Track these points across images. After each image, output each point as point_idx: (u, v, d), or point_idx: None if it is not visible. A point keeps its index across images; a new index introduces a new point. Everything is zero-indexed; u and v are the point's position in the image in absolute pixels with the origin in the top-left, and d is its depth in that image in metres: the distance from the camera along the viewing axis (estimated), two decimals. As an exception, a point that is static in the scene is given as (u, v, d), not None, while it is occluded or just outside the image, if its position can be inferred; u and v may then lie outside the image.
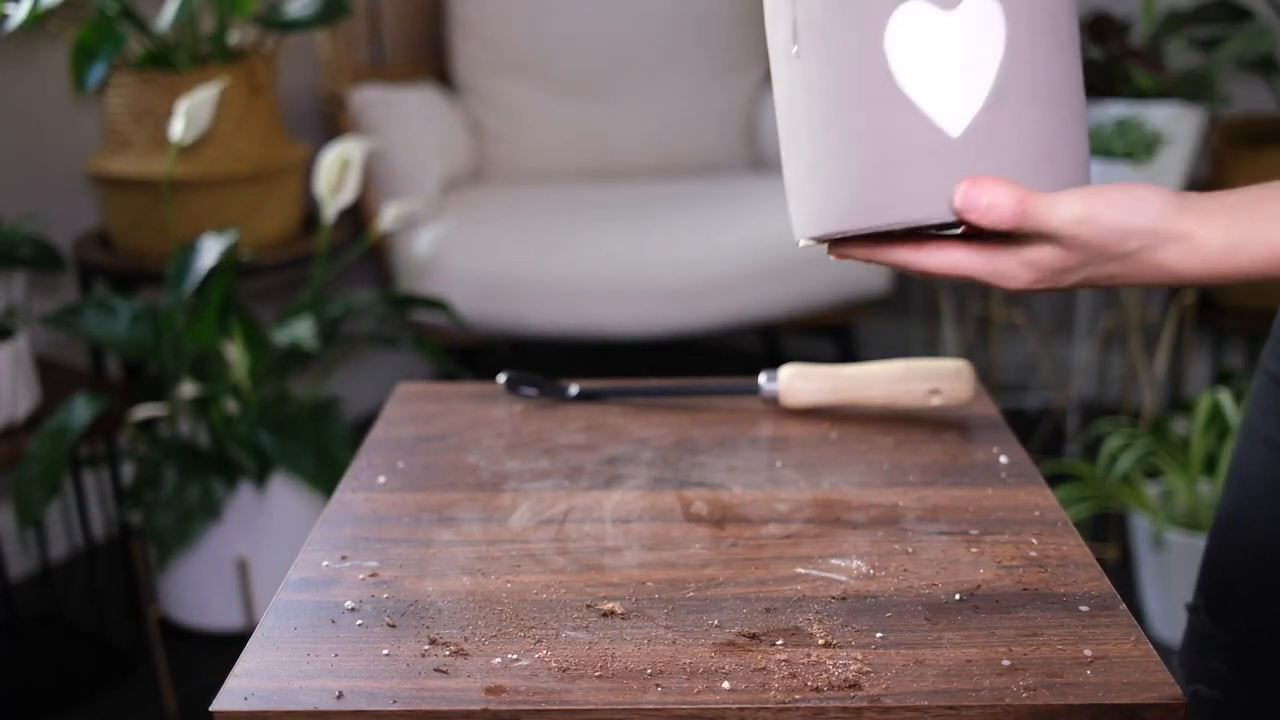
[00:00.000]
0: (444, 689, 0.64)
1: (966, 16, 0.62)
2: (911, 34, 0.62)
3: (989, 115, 0.62)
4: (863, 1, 0.62)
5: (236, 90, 2.02)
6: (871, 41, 0.62)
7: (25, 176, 2.21)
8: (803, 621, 0.70)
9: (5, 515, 2.22)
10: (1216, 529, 0.87)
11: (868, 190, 0.64)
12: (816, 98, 0.65)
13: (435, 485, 0.89)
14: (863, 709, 0.62)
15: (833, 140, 0.65)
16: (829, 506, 0.84)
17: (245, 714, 0.63)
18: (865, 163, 0.64)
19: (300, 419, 1.92)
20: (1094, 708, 0.62)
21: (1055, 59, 0.64)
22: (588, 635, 0.69)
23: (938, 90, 0.62)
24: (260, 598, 1.99)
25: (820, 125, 0.65)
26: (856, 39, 0.63)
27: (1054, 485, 0.96)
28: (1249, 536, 0.84)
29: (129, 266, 2.06)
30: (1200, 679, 0.87)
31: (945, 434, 0.95)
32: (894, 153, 0.63)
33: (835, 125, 0.64)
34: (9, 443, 1.76)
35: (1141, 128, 2.15)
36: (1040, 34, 0.63)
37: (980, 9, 0.62)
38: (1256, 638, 0.84)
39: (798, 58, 0.65)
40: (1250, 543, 0.83)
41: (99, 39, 1.88)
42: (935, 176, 0.63)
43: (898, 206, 0.64)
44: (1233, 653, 0.84)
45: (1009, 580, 0.74)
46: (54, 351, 2.24)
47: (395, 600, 0.73)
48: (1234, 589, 0.85)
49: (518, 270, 2.31)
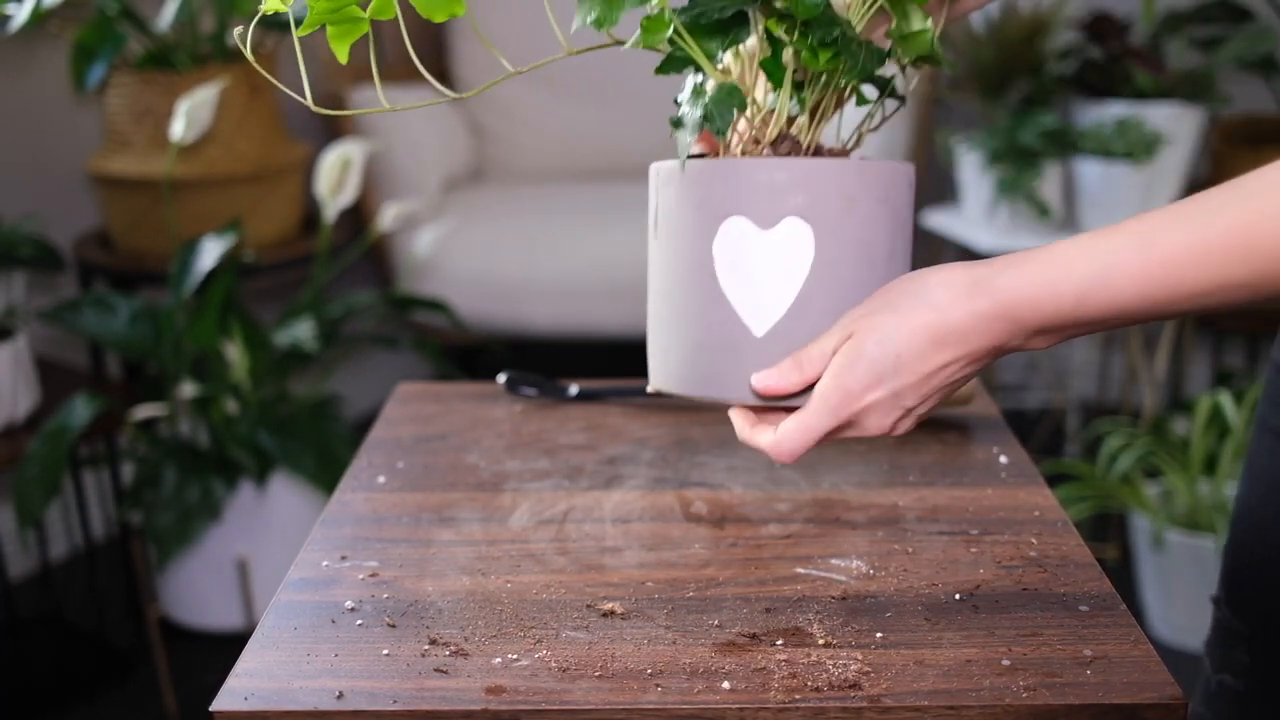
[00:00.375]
0: (444, 689, 0.64)
1: (781, 236, 0.71)
2: (733, 244, 0.72)
3: (789, 322, 0.71)
4: (699, 210, 0.72)
5: (236, 90, 2.02)
6: (702, 244, 0.72)
7: (25, 176, 2.21)
8: (803, 621, 0.70)
9: (5, 515, 2.22)
10: (1235, 522, 0.88)
11: (688, 366, 0.74)
12: (663, 276, 0.75)
13: (435, 485, 0.89)
14: (862, 709, 0.62)
15: (671, 314, 0.75)
16: (829, 506, 0.84)
17: (245, 714, 0.63)
18: (689, 342, 0.74)
19: (301, 418, 1.92)
20: (1094, 707, 0.62)
21: (862, 279, 0.72)
22: (588, 635, 0.69)
23: (749, 294, 0.72)
24: (260, 598, 1.99)
25: (664, 299, 0.76)
26: (693, 238, 0.72)
27: (1054, 485, 0.96)
28: (1264, 530, 0.84)
29: (129, 266, 2.06)
30: (1226, 669, 0.87)
31: (945, 434, 0.95)
32: (710, 340, 0.73)
33: (673, 303, 0.75)
34: (9, 443, 1.76)
35: (1141, 128, 2.15)
36: (849, 256, 0.72)
37: (794, 231, 0.71)
38: (1276, 629, 0.84)
39: (656, 238, 0.75)
40: (1265, 536, 0.84)
41: (99, 39, 1.88)
42: (739, 366, 0.72)
43: (711, 385, 0.74)
44: (1253, 644, 0.85)
45: (1009, 580, 0.74)
46: (54, 351, 2.24)
47: (395, 600, 0.73)
48: (1252, 581, 0.85)
49: (518, 270, 2.31)
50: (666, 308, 0.75)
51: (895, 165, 0.74)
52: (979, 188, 2.32)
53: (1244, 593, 0.86)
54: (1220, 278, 0.60)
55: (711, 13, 0.71)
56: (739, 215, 0.71)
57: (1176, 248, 0.61)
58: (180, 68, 1.99)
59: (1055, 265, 0.64)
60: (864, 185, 0.71)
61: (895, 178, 0.73)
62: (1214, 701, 0.86)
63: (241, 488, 1.95)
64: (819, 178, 0.71)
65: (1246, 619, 0.85)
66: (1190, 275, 0.61)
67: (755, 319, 0.72)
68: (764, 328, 0.72)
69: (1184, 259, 0.61)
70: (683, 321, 0.74)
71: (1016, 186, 2.20)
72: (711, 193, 0.71)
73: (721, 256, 0.72)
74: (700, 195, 0.72)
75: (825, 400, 0.69)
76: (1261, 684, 0.85)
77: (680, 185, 0.73)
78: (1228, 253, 0.60)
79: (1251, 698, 0.85)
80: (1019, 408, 2.79)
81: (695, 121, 0.70)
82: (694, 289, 0.73)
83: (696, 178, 0.72)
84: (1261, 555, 0.84)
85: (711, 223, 0.72)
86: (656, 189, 0.76)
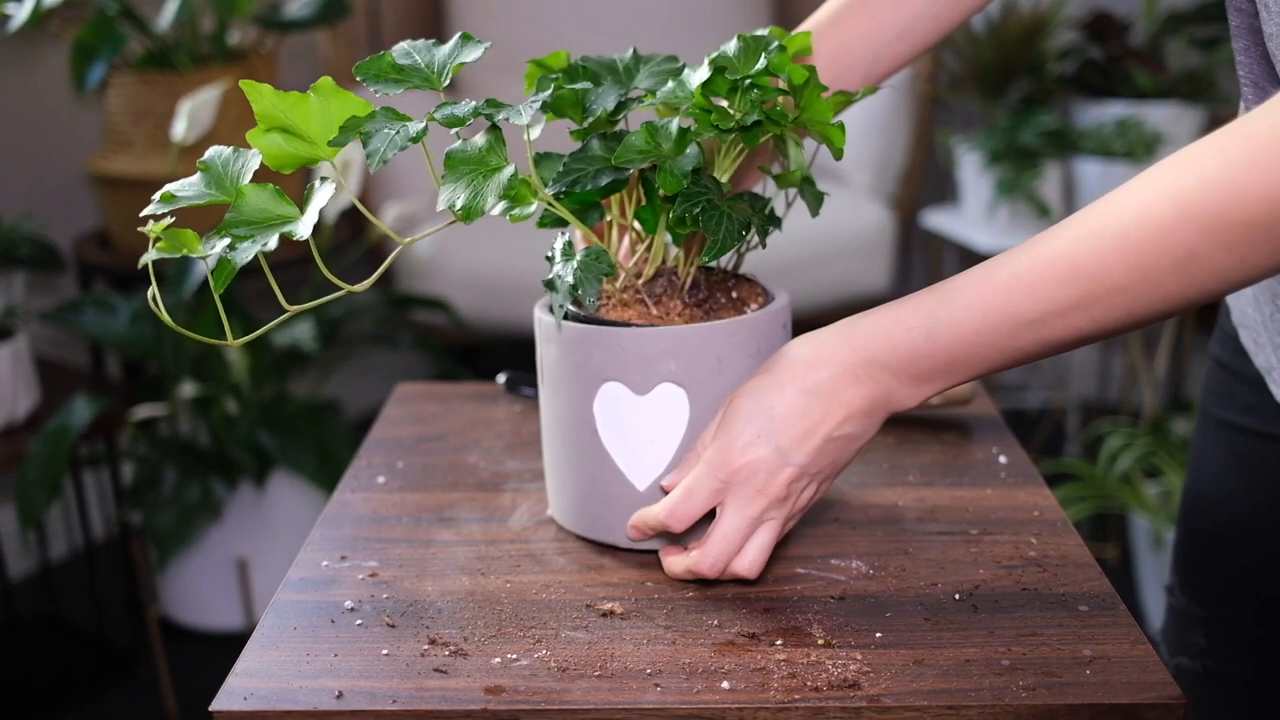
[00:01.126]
0: (443, 689, 0.64)
1: (657, 399, 0.74)
2: (611, 407, 0.75)
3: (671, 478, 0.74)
4: (579, 371, 0.75)
5: (237, 90, 2.02)
6: (584, 403, 0.75)
7: (25, 176, 2.21)
8: (802, 621, 0.70)
9: (6, 515, 2.22)
10: (1183, 510, 0.91)
11: (578, 511, 0.79)
12: (551, 424, 0.79)
13: (435, 485, 0.89)
14: (862, 709, 0.62)
15: (561, 461, 0.79)
16: (828, 507, 0.84)
17: (245, 714, 0.63)
18: (577, 489, 0.78)
19: (301, 417, 1.92)
20: (1093, 707, 0.62)
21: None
22: (587, 635, 0.69)
23: (630, 453, 0.75)
24: (260, 598, 1.99)
25: (553, 444, 0.79)
26: (574, 396, 0.76)
27: (1054, 485, 0.96)
28: (1212, 514, 0.87)
29: (129, 266, 2.06)
30: (1182, 652, 0.90)
31: (945, 434, 0.95)
32: (595, 491, 0.77)
33: (561, 452, 0.79)
34: (9, 443, 1.76)
35: (1141, 127, 2.15)
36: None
37: (669, 394, 0.74)
38: (1230, 608, 0.87)
39: (544, 384, 0.78)
40: (1213, 520, 0.87)
41: (99, 39, 1.88)
42: (624, 517, 0.76)
43: (597, 529, 0.78)
44: (1209, 626, 0.87)
45: (1008, 580, 0.74)
46: (54, 351, 2.25)
47: (395, 600, 0.73)
48: (1204, 565, 0.88)
49: (518, 270, 2.31)
50: (557, 453, 0.79)
51: (769, 315, 0.76)
52: (979, 188, 2.32)
53: (1198, 576, 0.88)
54: (1051, 302, 0.61)
55: (585, 179, 0.74)
56: (615, 380, 0.74)
57: (1009, 274, 0.63)
58: (180, 68, 1.99)
59: (906, 304, 0.67)
60: (734, 344, 0.74)
61: (769, 327, 0.76)
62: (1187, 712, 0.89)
63: (241, 488, 1.95)
64: (690, 344, 0.73)
65: (1203, 602, 0.87)
66: (1023, 302, 0.62)
67: (636, 474, 0.76)
68: (645, 482, 0.76)
69: (1015, 284, 0.62)
70: (570, 470, 0.78)
71: (1016, 186, 2.20)
72: (589, 358, 0.74)
73: (602, 415, 0.75)
74: (579, 358, 0.75)
75: (706, 460, 0.70)
76: (1218, 664, 0.87)
77: (560, 344, 0.76)
78: (1055, 275, 0.61)
79: (1210, 677, 0.88)
80: (1019, 408, 2.79)
81: (567, 289, 0.72)
82: (578, 443, 0.77)
83: (575, 341, 0.75)
84: (1213, 538, 0.86)
85: (591, 385, 0.75)
86: (541, 340, 0.79)
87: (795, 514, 0.71)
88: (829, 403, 0.67)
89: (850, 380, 0.67)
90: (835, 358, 0.67)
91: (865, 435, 0.69)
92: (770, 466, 0.68)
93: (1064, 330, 0.62)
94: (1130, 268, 0.59)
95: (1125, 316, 0.60)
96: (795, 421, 0.68)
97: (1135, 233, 0.58)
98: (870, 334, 0.67)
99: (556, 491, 0.81)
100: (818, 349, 0.68)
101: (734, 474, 0.69)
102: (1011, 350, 0.64)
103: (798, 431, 0.68)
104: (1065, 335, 0.62)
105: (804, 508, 0.71)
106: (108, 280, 2.11)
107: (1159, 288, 0.59)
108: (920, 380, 0.67)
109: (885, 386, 0.67)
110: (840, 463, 0.70)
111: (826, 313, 2.42)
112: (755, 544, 0.70)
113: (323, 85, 0.67)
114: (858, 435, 0.69)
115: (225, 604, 2.02)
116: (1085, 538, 0.80)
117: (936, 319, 0.65)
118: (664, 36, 2.68)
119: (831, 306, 2.41)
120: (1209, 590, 0.87)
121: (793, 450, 0.68)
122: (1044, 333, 0.62)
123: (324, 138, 0.67)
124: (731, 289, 0.80)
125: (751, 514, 0.69)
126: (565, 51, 0.81)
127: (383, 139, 0.67)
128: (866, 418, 0.68)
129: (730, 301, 0.79)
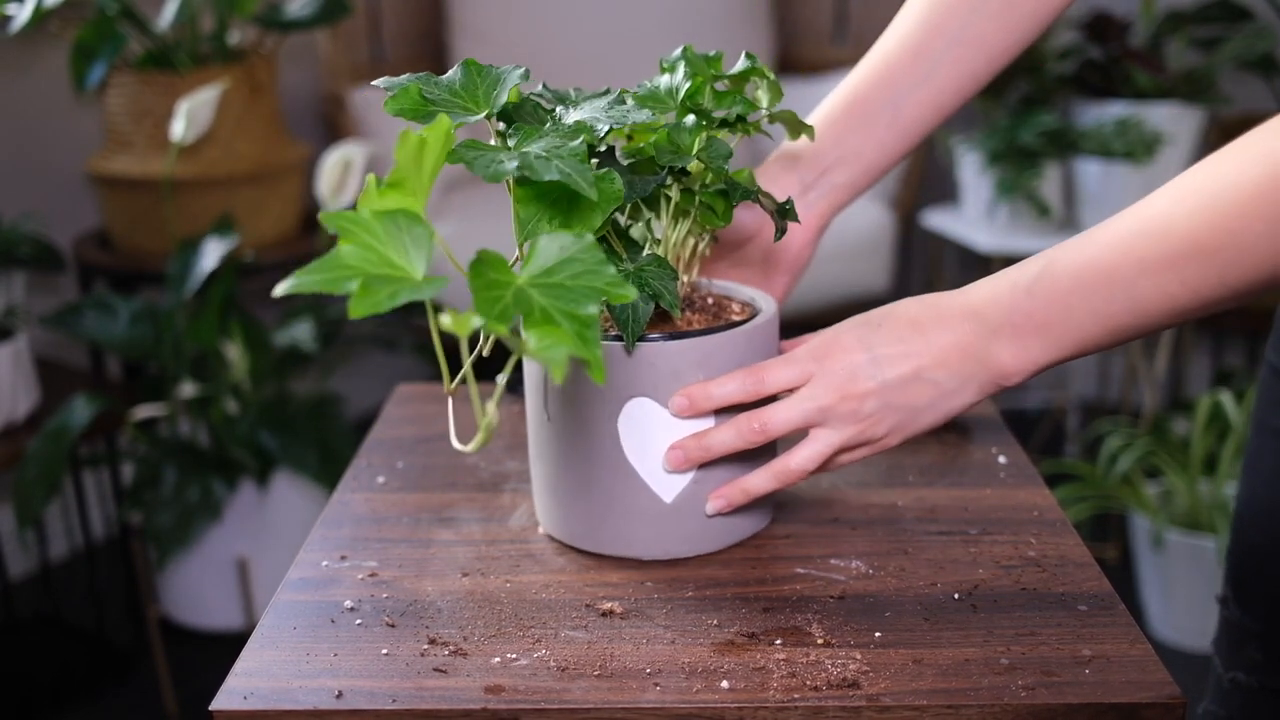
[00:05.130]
0: (443, 688, 0.64)
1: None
2: (637, 422, 0.74)
3: (695, 488, 0.75)
4: (601, 390, 0.74)
5: (236, 90, 2.02)
6: (608, 423, 0.75)
7: (25, 176, 2.21)
8: (802, 621, 0.70)
9: (5, 515, 2.22)
10: (1238, 521, 0.89)
11: (599, 529, 0.77)
12: (562, 450, 0.77)
13: (435, 485, 0.89)
14: (861, 708, 0.62)
15: (572, 484, 0.77)
16: (828, 506, 0.84)
17: (245, 713, 0.63)
18: (597, 507, 0.77)
19: (302, 416, 1.92)
20: (1092, 707, 0.62)
21: (759, 448, 0.75)
22: (586, 635, 0.69)
23: (655, 467, 0.75)
24: (260, 598, 1.99)
25: (565, 469, 0.78)
26: (594, 414, 0.75)
27: (1054, 485, 0.96)
28: (1267, 527, 0.85)
29: (129, 266, 2.06)
30: (1237, 667, 0.88)
31: (944, 434, 0.95)
32: (620, 507, 0.76)
33: (576, 474, 0.77)
34: (9, 443, 1.76)
35: (1141, 128, 2.15)
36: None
37: None
38: None
39: (549, 421, 0.78)
40: (1268, 533, 0.84)
41: (99, 39, 1.88)
42: (650, 529, 0.76)
43: (619, 544, 0.77)
44: (1264, 640, 0.85)
45: (1007, 580, 0.74)
46: (54, 351, 2.25)
47: (394, 600, 0.73)
48: (1259, 578, 0.86)
49: (518, 270, 2.31)
50: (566, 471, 0.78)
51: (767, 323, 0.77)
52: (979, 188, 2.32)
53: (1252, 590, 0.86)
54: (1143, 262, 0.62)
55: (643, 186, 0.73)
56: (644, 396, 0.74)
57: (1111, 233, 0.63)
58: (180, 68, 1.99)
59: (1013, 268, 0.68)
60: (753, 349, 0.75)
61: (772, 326, 0.78)
62: (1228, 700, 0.87)
63: (242, 488, 1.95)
64: (715, 352, 0.74)
65: (1257, 616, 0.86)
66: (1117, 259, 0.63)
67: (664, 488, 0.76)
68: (673, 494, 0.76)
69: (1113, 242, 0.63)
70: (588, 489, 0.77)
71: (1016, 186, 2.20)
72: (613, 375, 0.74)
73: (627, 433, 0.75)
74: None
75: (809, 344, 0.73)
76: (1274, 680, 0.85)
77: (576, 364, 0.75)
78: (1148, 233, 0.62)
79: (1266, 693, 0.85)
80: (1019, 408, 2.79)
81: (644, 302, 0.72)
82: (600, 462, 0.76)
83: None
84: (1268, 552, 0.84)
85: (616, 402, 0.74)
86: None
87: (856, 444, 0.72)
88: (928, 341, 0.69)
89: (950, 326, 0.69)
90: (941, 304, 0.70)
91: (954, 397, 0.70)
92: (861, 371, 0.70)
93: (1155, 294, 0.62)
94: (1219, 231, 0.58)
95: (1218, 285, 0.60)
96: (894, 344, 0.70)
97: (1227, 195, 0.58)
98: (979, 290, 0.69)
99: (567, 510, 0.78)
100: (928, 304, 0.71)
101: (826, 363, 0.71)
102: (1107, 318, 0.64)
103: (895, 352, 0.70)
104: (1158, 302, 0.62)
105: (866, 443, 0.72)
106: (108, 280, 2.11)
107: (1250, 253, 0.58)
108: (1018, 337, 0.67)
109: (984, 340, 0.68)
110: (921, 415, 0.71)
111: (826, 313, 2.42)
112: (811, 445, 0.72)
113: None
114: (947, 391, 0.70)
115: (225, 604, 2.02)
116: (1085, 538, 0.80)
117: (1041, 274, 0.66)
118: (664, 36, 2.68)
119: (831, 306, 2.41)
120: (1266, 604, 0.85)
121: (885, 365, 0.70)
122: (1136, 296, 0.62)
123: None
124: (707, 296, 0.83)
125: (825, 403, 0.71)
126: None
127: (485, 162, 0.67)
128: (960, 369, 0.69)
129: (728, 309, 0.80)
